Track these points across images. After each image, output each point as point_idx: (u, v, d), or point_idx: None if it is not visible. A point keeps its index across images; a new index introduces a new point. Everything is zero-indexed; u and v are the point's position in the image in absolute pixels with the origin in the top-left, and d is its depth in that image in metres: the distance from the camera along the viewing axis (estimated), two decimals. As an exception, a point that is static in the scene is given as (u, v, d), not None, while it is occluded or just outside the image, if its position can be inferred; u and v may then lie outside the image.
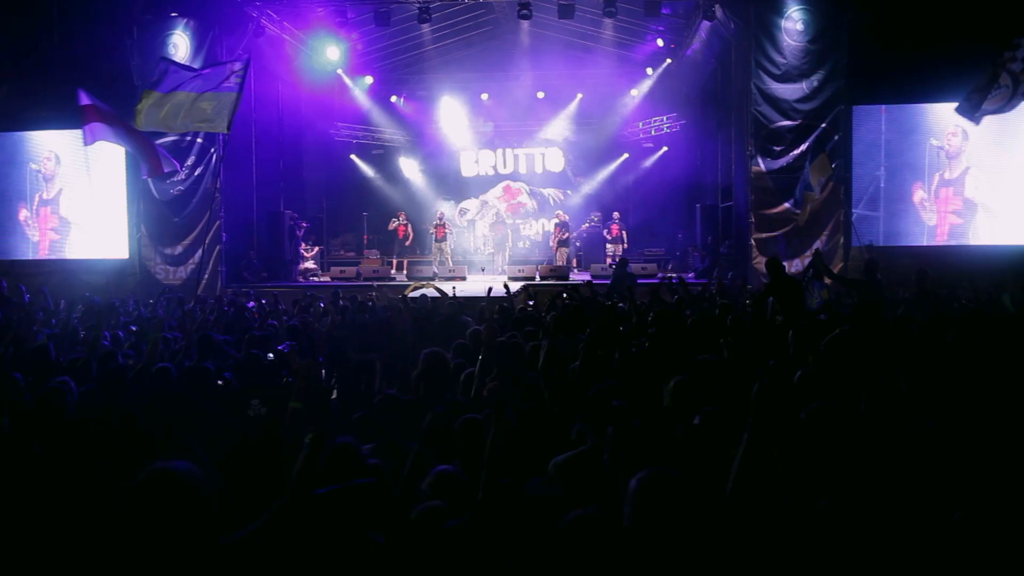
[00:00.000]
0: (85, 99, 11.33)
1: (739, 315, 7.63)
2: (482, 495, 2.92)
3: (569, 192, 21.75)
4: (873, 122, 14.94)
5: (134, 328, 7.89)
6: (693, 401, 3.92)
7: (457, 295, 10.74)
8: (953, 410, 3.57)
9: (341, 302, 10.76)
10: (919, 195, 14.97)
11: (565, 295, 9.06)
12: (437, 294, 10.40)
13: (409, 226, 19.35)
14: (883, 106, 14.91)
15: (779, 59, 14.47)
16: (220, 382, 5.93)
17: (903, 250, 14.42)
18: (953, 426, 3.23)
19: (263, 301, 10.63)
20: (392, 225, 19.30)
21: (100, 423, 4.89)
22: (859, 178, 14.82)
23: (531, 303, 9.85)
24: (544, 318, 7.94)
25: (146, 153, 12.11)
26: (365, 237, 19.57)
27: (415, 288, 12.35)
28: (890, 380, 3.91)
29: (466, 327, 9.67)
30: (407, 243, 19.31)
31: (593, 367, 4.68)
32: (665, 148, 20.35)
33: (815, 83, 14.46)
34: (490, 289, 10.32)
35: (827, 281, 8.95)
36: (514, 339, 5.92)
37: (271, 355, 6.03)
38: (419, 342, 9.76)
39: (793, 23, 14.39)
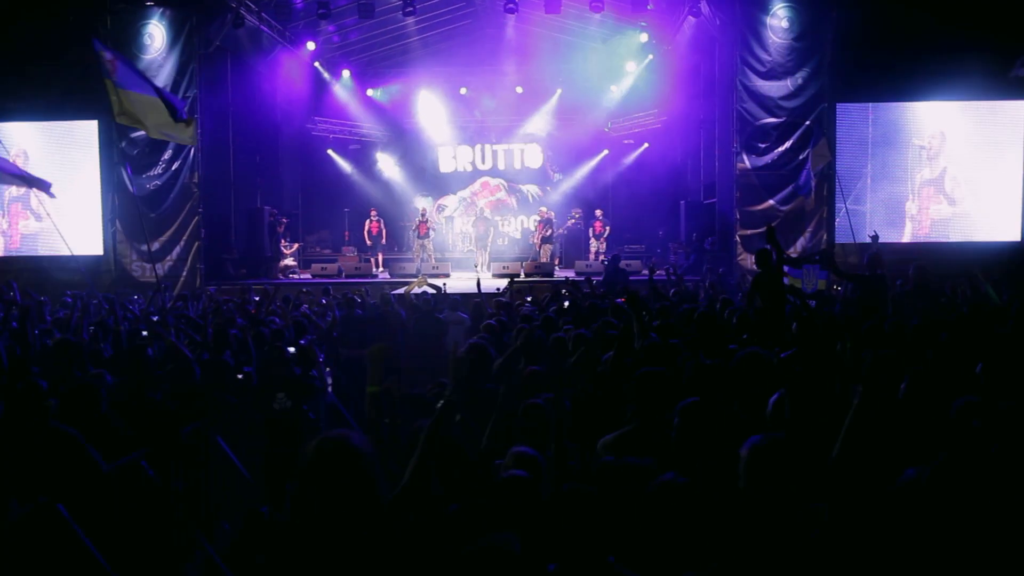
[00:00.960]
0: None
1: (736, 310, 7.97)
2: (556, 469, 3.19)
3: (548, 188, 21.98)
4: (860, 120, 15.34)
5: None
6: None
7: (448, 292, 10.93)
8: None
9: (327, 299, 10.88)
10: (909, 205, 15.46)
11: (565, 291, 9.30)
12: (432, 291, 10.57)
13: (382, 222, 19.38)
14: (870, 104, 15.31)
15: (764, 56, 14.83)
16: (240, 376, 6.06)
17: (886, 247, 14.81)
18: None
19: (256, 298, 10.70)
20: (366, 225, 19.36)
21: (132, 415, 5.02)
22: (846, 175, 15.18)
23: (528, 299, 10.07)
24: (548, 313, 8.14)
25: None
26: (346, 234, 19.56)
27: (416, 284, 12.37)
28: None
29: (446, 323, 9.89)
30: (382, 240, 19.34)
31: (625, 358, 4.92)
32: (646, 144, 20.67)
33: (800, 80, 14.84)
34: (479, 283, 10.50)
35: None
36: (537, 332, 6.11)
37: (292, 349, 6.16)
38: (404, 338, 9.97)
39: (778, 20, 14.75)
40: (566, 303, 8.18)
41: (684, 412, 3.13)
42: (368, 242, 19.27)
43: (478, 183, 22.25)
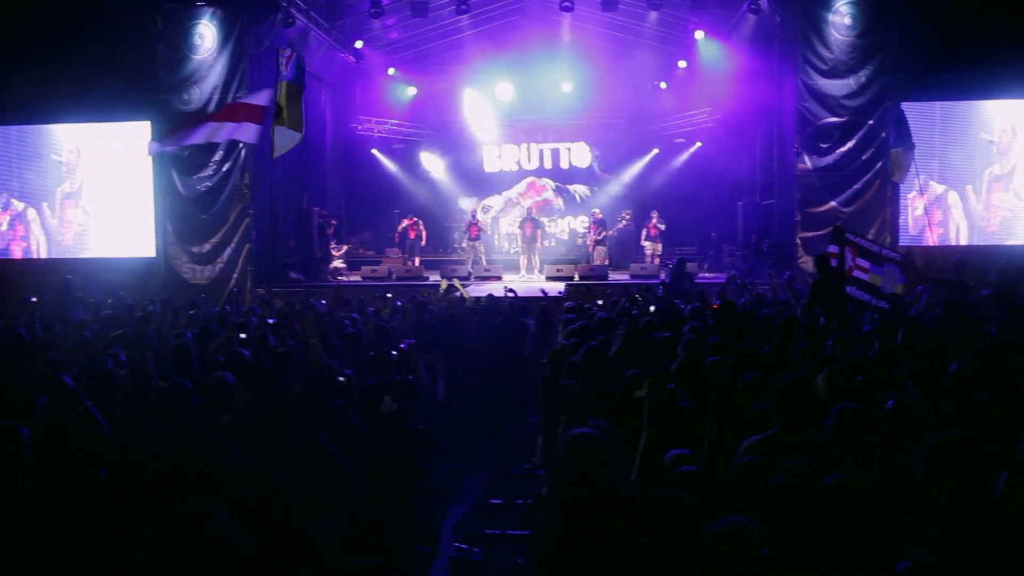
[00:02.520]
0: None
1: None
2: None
3: (596, 189, 22.26)
4: (926, 119, 15.49)
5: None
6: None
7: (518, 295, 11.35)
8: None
9: (400, 302, 11.27)
10: (976, 204, 15.57)
11: (639, 296, 9.64)
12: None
13: (420, 224, 19.61)
14: (937, 103, 15.47)
15: (826, 54, 15.02)
16: (341, 379, 6.42)
17: (951, 249, 14.95)
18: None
19: (323, 301, 11.11)
20: (401, 226, 19.65)
21: (260, 416, 5.41)
22: (910, 175, 15.31)
23: (600, 302, 10.40)
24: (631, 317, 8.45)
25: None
26: (396, 235, 19.91)
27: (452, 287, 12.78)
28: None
29: (526, 328, 10.27)
30: (421, 243, 19.55)
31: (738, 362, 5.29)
32: (699, 143, 20.88)
33: (863, 79, 14.99)
34: (543, 292, 10.90)
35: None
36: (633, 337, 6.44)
37: (394, 352, 6.53)
38: (483, 341, 10.37)
39: (841, 17, 14.94)
40: (652, 307, 8.51)
41: (839, 416, 3.46)
42: (405, 244, 19.46)
43: (524, 183, 22.58)
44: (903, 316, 8.06)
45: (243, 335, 7.12)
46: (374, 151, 21.88)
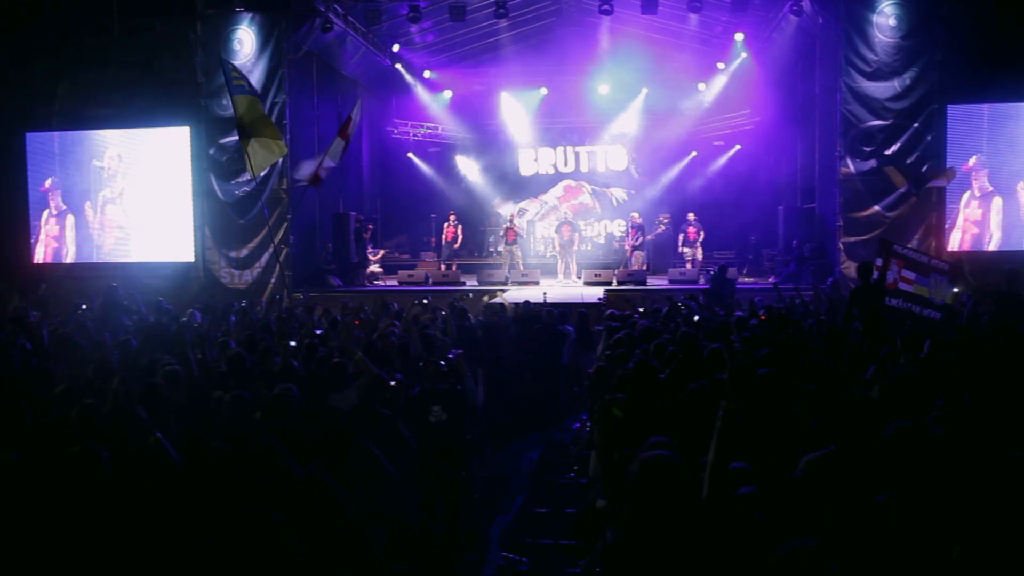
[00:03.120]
0: None
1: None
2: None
3: (633, 192, 22.28)
4: (974, 121, 15.38)
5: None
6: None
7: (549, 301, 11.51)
8: None
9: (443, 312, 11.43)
10: (1019, 198, 15.42)
11: (682, 305, 9.72)
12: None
13: (459, 228, 19.73)
14: (985, 105, 15.35)
15: (870, 56, 14.98)
16: (392, 383, 6.58)
17: (998, 256, 14.82)
18: None
19: (366, 308, 11.25)
20: (444, 229, 19.72)
21: (314, 426, 5.58)
22: (957, 180, 15.18)
23: (641, 309, 10.49)
24: (674, 327, 8.53)
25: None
26: (433, 240, 20.09)
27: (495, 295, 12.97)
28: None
29: (565, 336, 10.37)
30: (455, 246, 19.74)
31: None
32: (738, 146, 20.85)
33: (907, 81, 14.93)
34: (599, 299, 11.01)
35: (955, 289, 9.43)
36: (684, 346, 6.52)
37: (443, 363, 6.67)
38: (522, 348, 10.49)
39: (885, 18, 14.89)
40: (696, 317, 8.59)
41: (894, 435, 3.53)
42: (443, 247, 19.63)
43: (560, 186, 22.67)
44: (951, 327, 8.08)
45: (292, 343, 7.29)
46: (410, 155, 22.13)
